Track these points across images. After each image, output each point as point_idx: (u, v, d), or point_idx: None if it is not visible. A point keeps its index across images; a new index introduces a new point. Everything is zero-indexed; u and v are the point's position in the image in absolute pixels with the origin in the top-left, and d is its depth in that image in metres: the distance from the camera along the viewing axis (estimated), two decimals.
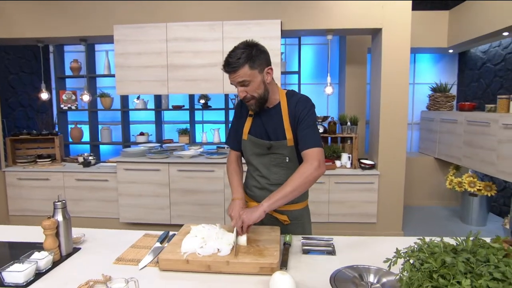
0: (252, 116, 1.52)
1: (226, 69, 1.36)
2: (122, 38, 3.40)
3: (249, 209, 1.33)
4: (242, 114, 1.56)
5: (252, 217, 1.27)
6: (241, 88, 1.38)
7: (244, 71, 1.34)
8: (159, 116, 4.70)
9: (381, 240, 1.46)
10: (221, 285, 1.09)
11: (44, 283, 1.11)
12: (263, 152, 1.50)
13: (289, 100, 1.47)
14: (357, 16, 3.34)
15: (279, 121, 1.45)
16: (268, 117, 1.48)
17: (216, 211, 3.54)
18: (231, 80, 1.39)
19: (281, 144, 1.45)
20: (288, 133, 1.44)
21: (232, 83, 1.40)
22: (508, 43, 3.83)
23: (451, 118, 4.00)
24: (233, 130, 1.62)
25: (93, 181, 3.65)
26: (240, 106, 1.58)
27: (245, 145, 1.54)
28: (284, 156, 1.47)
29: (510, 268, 0.64)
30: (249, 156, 1.54)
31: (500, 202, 4.04)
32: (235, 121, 1.61)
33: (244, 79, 1.35)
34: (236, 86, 1.39)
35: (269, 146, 1.47)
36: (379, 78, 3.45)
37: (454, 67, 4.87)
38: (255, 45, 1.38)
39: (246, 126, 1.53)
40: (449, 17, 4.21)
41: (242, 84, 1.37)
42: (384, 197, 3.51)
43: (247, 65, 1.33)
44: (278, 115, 1.46)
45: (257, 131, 1.50)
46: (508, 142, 3.00)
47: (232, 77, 1.37)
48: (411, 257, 0.78)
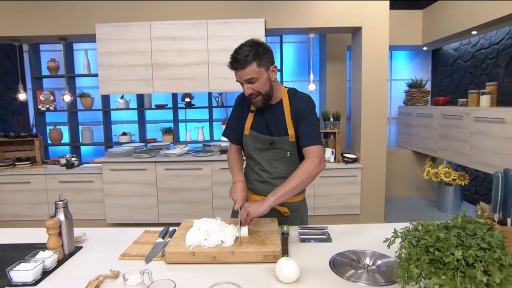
0: (253, 112, 1.57)
1: (234, 65, 1.38)
2: (105, 37, 3.36)
3: (256, 202, 1.37)
4: (243, 109, 1.61)
5: (259, 211, 1.33)
6: (248, 85, 1.41)
7: (252, 69, 1.37)
8: (142, 115, 4.66)
9: (372, 227, 1.55)
10: (227, 274, 1.14)
11: (53, 281, 1.12)
12: (265, 147, 1.55)
13: (291, 97, 1.53)
14: (338, 15, 3.45)
15: (281, 117, 1.51)
16: (271, 113, 1.53)
17: (204, 208, 3.57)
18: (238, 77, 1.41)
19: (283, 139, 1.52)
20: (290, 129, 1.50)
21: (238, 80, 1.42)
22: (476, 41, 4.07)
23: (426, 112, 4.21)
24: (233, 124, 1.65)
25: (77, 182, 3.59)
26: (241, 102, 1.62)
27: (246, 140, 1.59)
28: (285, 151, 1.54)
29: (493, 238, 0.74)
30: (251, 151, 1.59)
31: (472, 190, 4.30)
32: (235, 116, 1.64)
33: (252, 76, 1.38)
34: (242, 83, 1.42)
35: (271, 142, 1.53)
36: (360, 75, 3.58)
37: (428, 63, 5.11)
38: (261, 44, 1.42)
39: (247, 122, 1.57)
40: (423, 16, 4.42)
41: (249, 81, 1.40)
42: (366, 189, 3.66)
43: (255, 62, 1.36)
44: (280, 112, 1.52)
45: (259, 126, 1.55)
46: (479, 134, 3.21)
47: (239, 74, 1.39)
48: (407, 236, 0.86)
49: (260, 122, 1.55)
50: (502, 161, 2.92)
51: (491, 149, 3.04)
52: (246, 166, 1.70)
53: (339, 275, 1.12)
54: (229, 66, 1.41)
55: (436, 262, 0.76)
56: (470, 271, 0.71)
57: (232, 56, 1.39)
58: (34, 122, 4.58)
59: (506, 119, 2.86)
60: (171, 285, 0.88)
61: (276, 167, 1.57)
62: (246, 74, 1.37)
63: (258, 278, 1.11)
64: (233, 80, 3.68)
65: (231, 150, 1.69)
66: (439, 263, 0.75)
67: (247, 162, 1.67)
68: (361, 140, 3.64)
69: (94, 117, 4.86)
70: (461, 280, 0.71)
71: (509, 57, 3.56)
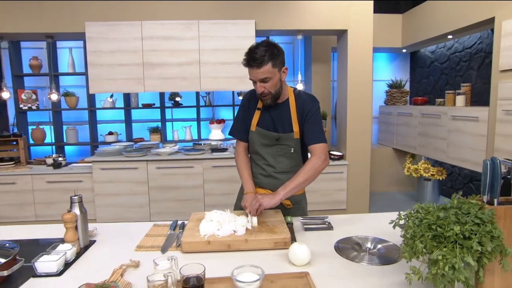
0: (260, 109, 1.65)
1: (251, 63, 1.43)
2: (95, 36, 3.34)
3: (268, 195, 1.47)
4: (250, 107, 1.69)
5: (271, 203, 1.43)
6: (261, 84, 1.48)
7: (267, 68, 1.44)
8: (129, 114, 4.63)
9: (366, 216, 1.69)
10: (241, 261, 1.22)
11: (76, 271, 1.17)
12: (270, 143, 1.65)
13: (297, 97, 1.63)
14: (326, 18, 3.60)
15: (287, 115, 1.61)
16: (278, 111, 1.62)
17: (196, 206, 3.62)
18: (252, 75, 1.47)
19: (288, 136, 1.62)
20: (295, 126, 1.60)
21: (251, 78, 1.49)
22: (451, 44, 4.34)
23: (406, 111, 4.44)
24: (240, 122, 1.73)
25: (65, 182, 3.54)
26: (248, 100, 1.70)
27: (252, 136, 1.67)
28: (289, 147, 1.64)
29: (484, 215, 0.87)
30: (257, 147, 1.68)
31: (448, 185, 4.57)
32: (242, 114, 1.72)
33: (266, 76, 1.45)
34: (255, 82, 1.49)
35: (277, 138, 1.62)
36: (346, 75, 3.75)
37: (407, 65, 5.37)
38: (276, 45, 1.49)
39: (254, 119, 1.66)
40: (402, 20, 4.65)
41: (262, 80, 1.47)
42: (352, 185, 3.83)
43: (270, 63, 1.44)
44: (287, 110, 1.61)
45: (265, 123, 1.64)
46: (456, 132, 3.45)
47: (254, 72, 1.45)
48: (410, 217, 0.98)
49: (266, 119, 1.64)
50: (477, 156, 3.15)
51: (466, 146, 3.28)
52: (250, 161, 1.79)
53: (344, 257, 1.23)
54: (245, 63, 1.47)
55: (437, 238, 0.88)
56: (467, 243, 0.83)
57: (249, 54, 1.44)
58: (15, 122, 4.46)
59: (480, 117, 3.09)
60: (201, 268, 0.95)
61: (281, 162, 1.66)
62: (261, 73, 1.45)
63: (272, 262, 1.20)
64: (224, 79, 3.76)
65: (239, 150, 1.75)
66: (440, 238, 0.87)
67: (252, 157, 1.76)
68: (347, 138, 3.80)
69: (78, 117, 4.79)
70: (459, 250, 0.83)
71: (481, 60, 3.84)
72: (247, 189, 1.63)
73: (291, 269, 1.15)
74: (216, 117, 4.76)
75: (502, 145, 2.79)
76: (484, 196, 0.96)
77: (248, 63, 1.46)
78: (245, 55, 1.46)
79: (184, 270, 0.95)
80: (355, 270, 1.14)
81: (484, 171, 0.95)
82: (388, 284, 1.05)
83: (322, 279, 1.07)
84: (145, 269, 1.17)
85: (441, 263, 0.83)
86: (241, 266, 1.03)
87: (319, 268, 1.16)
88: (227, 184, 3.60)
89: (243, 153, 1.76)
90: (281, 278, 1.06)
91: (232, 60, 3.52)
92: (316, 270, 1.14)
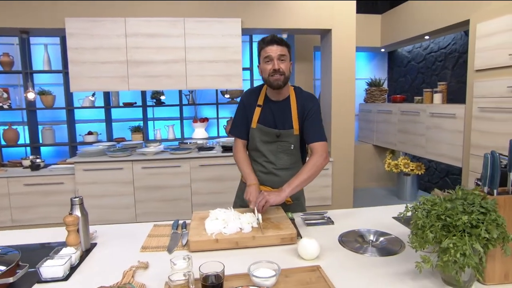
0: (260, 106, 1.67)
1: (274, 40, 1.54)
2: (76, 32, 3.22)
3: (274, 192, 1.50)
4: (250, 105, 1.70)
5: (277, 200, 1.47)
6: (278, 61, 1.55)
7: (285, 49, 1.56)
8: (109, 114, 4.50)
9: (362, 210, 1.75)
10: (250, 257, 1.23)
11: (83, 275, 1.14)
12: (271, 139, 1.67)
13: (298, 95, 1.67)
14: (311, 18, 3.66)
15: (288, 112, 1.65)
16: (279, 108, 1.65)
17: (183, 205, 3.58)
18: (273, 51, 1.54)
19: (289, 133, 1.65)
20: (295, 123, 1.64)
21: (270, 54, 1.54)
22: (427, 45, 4.54)
23: (386, 109, 4.60)
24: (240, 120, 1.74)
25: (45, 185, 3.40)
26: (248, 98, 1.72)
27: (253, 133, 1.69)
28: (289, 143, 1.67)
29: (488, 204, 0.93)
30: (257, 143, 1.69)
31: (425, 179, 4.79)
32: (241, 112, 1.73)
33: (284, 53, 1.55)
34: (273, 59, 1.54)
35: (278, 134, 1.65)
36: (330, 74, 3.83)
37: (385, 64, 5.56)
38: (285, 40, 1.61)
39: (255, 116, 1.68)
40: (381, 20, 4.81)
41: (280, 58, 1.55)
42: (337, 181, 3.93)
43: (287, 47, 1.57)
44: (288, 107, 1.65)
45: (266, 120, 1.66)
46: (434, 128, 3.62)
47: (274, 49, 1.54)
48: (417, 209, 1.04)
49: (267, 116, 1.67)
50: (454, 151, 3.33)
51: (444, 141, 3.45)
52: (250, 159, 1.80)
53: (349, 249, 1.28)
54: (268, 40, 1.55)
55: (446, 227, 0.94)
56: (475, 231, 0.89)
57: (271, 35, 1.57)
58: None
59: (457, 114, 3.26)
60: (220, 266, 0.96)
61: (281, 159, 1.69)
62: (281, 50, 1.54)
63: (281, 257, 1.22)
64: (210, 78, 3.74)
65: (238, 147, 1.77)
66: (449, 227, 0.93)
67: (252, 155, 1.77)
68: (332, 135, 3.89)
69: (55, 116, 4.59)
70: (468, 238, 0.89)
71: (455, 60, 4.04)
72: (250, 181, 1.64)
73: (301, 263, 1.18)
74: (199, 115, 4.72)
75: (478, 141, 2.96)
76: (485, 187, 1.03)
77: (271, 40, 1.54)
78: (264, 39, 1.57)
79: (203, 268, 0.95)
80: (361, 262, 1.19)
81: (484, 164, 1.01)
82: (394, 273, 1.10)
83: (332, 271, 1.11)
84: (155, 270, 1.16)
85: (452, 251, 0.88)
86: (257, 262, 1.05)
87: (327, 261, 1.19)
88: (215, 183, 3.59)
89: (242, 150, 1.77)
90: (294, 272, 1.09)
91: (218, 58, 3.50)
92: (325, 263, 1.17)
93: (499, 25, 2.73)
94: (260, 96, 1.69)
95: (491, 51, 2.81)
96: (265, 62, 1.56)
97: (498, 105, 2.73)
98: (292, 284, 1.02)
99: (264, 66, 1.57)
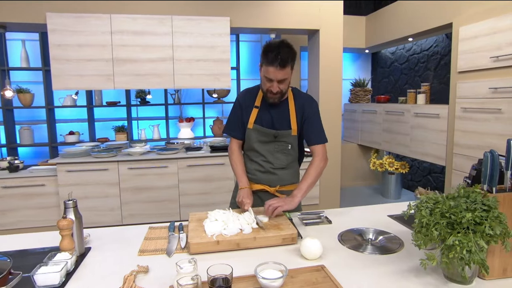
0: (258, 107, 1.66)
1: (276, 64, 1.42)
2: (59, 28, 3.09)
3: (285, 199, 1.51)
4: (247, 105, 1.69)
5: (292, 206, 1.49)
6: (277, 84, 1.49)
7: (288, 70, 1.48)
8: (91, 113, 4.37)
9: (356, 209, 1.77)
10: (252, 258, 1.22)
11: (79, 281, 1.09)
12: (268, 140, 1.66)
13: (296, 96, 1.67)
14: (299, 18, 3.68)
15: (286, 113, 1.64)
16: (277, 109, 1.65)
17: (170, 206, 3.52)
18: (272, 74, 1.45)
19: (287, 133, 1.65)
20: (293, 124, 1.64)
21: (269, 76, 1.47)
22: (410, 46, 4.66)
23: (371, 109, 4.69)
24: (236, 120, 1.72)
25: (25, 187, 3.25)
26: (244, 99, 1.70)
27: (250, 133, 1.67)
28: (287, 143, 1.67)
29: (489, 201, 0.96)
30: (254, 143, 1.68)
31: (408, 178, 4.92)
32: (237, 112, 1.71)
33: (286, 77, 1.49)
34: (272, 81, 1.49)
35: (276, 135, 1.64)
36: (318, 74, 3.86)
37: (369, 65, 5.67)
38: (293, 47, 1.50)
39: (251, 117, 1.66)
40: (366, 22, 4.90)
41: (280, 81, 1.48)
42: (324, 180, 3.96)
43: (290, 65, 1.47)
44: (286, 108, 1.65)
45: (263, 121, 1.65)
46: (418, 128, 3.72)
47: (276, 72, 1.45)
48: (420, 207, 1.05)
49: (265, 117, 1.66)
50: (438, 150, 3.43)
51: (428, 141, 3.55)
52: (245, 158, 1.79)
53: (350, 248, 1.28)
54: (268, 62, 1.44)
55: (450, 225, 0.96)
56: (479, 228, 0.91)
57: (274, 54, 1.42)
58: None
59: (440, 114, 3.37)
60: (228, 269, 0.94)
61: (278, 159, 1.69)
62: (282, 74, 1.47)
63: (284, 258, 1.22)
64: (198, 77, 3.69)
65: (234, 147, 1.75)
66: (453, 225, 0.95)
67: (248, 154, 1.76)
68: None
69: (33, 115, 4.41)
70: (472, 235, 0.91)
71: (437, 62, 4.17)
72: (242, 185, 1.66)
73: (304, 263, 1.18)
74: (184, 115, 4.66)
75: (461, 140, 3.07)
76: (484, 185, 1.06)
77: (272, 62, 1.44)
78: (268, 53, 1.44)
79: (210, 271, 0.93)
80: (363, 260, 1.20)
81: (484, 163, 1.04)
82: (397, 271, 1.11)
83: (336, 270, 1.11)
84: (156, 274, 1.13)
85: (458, 248, 0.90)
86: (263, 263, 1.04)
87: (330, 260, 1.19)
88: (203, 183, 3.54)
89: (237, 151, 1.76)
90: (299, 273, 1.08)
91: (207, 57, 3.46)
92: (328, 262, 1.18)
93: (481, 28, 2.83)
94: (257, 97, 1.68)
95: (473, 54, 2.91)
96: (265, 77, 1.52)
97: (480, 106, 2.83)
98: (298, 284, 1.01)
99: (264, 80, 1.54)
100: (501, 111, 2.64)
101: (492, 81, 2.72)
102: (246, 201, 1.54)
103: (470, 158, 2.95)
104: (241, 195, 1.59)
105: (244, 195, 1.58)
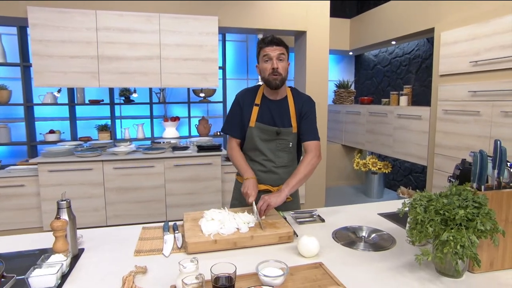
0: (258, 105, 1.67)
1: (273, 41, 1.57)
2: (41, 23, 2.99)
3: (273, 194, 1.51)
4: (246, 104, 1.70)
5: (278, 201, 1.49)
6: (277, 61, 1.57)
7: (283, 50, 1.59)
8: (73, 111, 4.24)
9: (348, 208, 1.81)
10: (250, 257, 1.23)
11: (75, 283, 1.06)
12: (270, 138, 1.68)
13: (295, 95, 1.71)
14: (287, 19, 3.72)
15: (286, 111, 1.67)
16: (277, 107, 1.67)
17: (157, 207, 3.47)
18: (271, 51, 1.56)
19: (288, 131, 1.67)
20: (293, 122, 1.67)
21: (269, 53, 1.56)
22: (392, 49, 4.80)
23: (355, 110, 4.80)
24: (235, 119, 1.73)
25: (3, 187, 3.12)
26: (243, 98, 1.71)
27: (251, 131, 1.68)
28: (288, 141, 1.69)
29: (479, 199, 1.01)
30: (256, 142, 1.69)
31: (390, 177, 5.06)
32: (236, 112, 1.72)
33: (283, 53, 1.57)
34: (272, 59, 1.56)
35: (278, 132, 1.66)
36: (304, 75, 3.91)
37: (352, 67, 5.79)
38: None
39: (253, 115, 1.67)
40: (350, 25, 5.00)
41: (279, 58, 1.57)
42: (310, 180, 4.02)
43: (285, 48, 1.60)
44: (286, 106, 1.68)
45: (264, 119, 1.67)
46: (400, 129, 3.83)
47: (273, 49, 1.56)
48: (414, 205, 1.10)
49: (266, 115, 1.68)
50: (420, 150, 3.55)
51: (411, 141, 3.67)
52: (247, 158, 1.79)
53: (345, 245, 1.32)
54: (267, 41, 1.57)
55: (444, 221, 1.00)
56: (471, 224, 0.96)
57: (272, 37, 1.59)
58: None
59: (423, 116, 3.49)
60: (232, 268, 0.94)
61: (279, 157, 1.71)
62: (279, 49, 1.57)
63: (281, 256, 1.23)
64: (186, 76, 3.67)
65: (233, 145, 1.76)
66: (447, 221, 1.00)
67: (248, 154, 1.76)
68: None
69: (10, 113, 4.23)
70: (465, 231, 0.96)
71: (418, 65, 4.31)
72: (247, 175, 1.65)
73: (302, 261, 1.20)
74: (169, 114, 4.60)
75: (442, 141, 3.19)
76: (473, 183, 1.12)
77: (270, 41, 1.57)
78: (265, 39, 1.59)
79: (213, 269, 0.94)
80: (358, 257, 1.23)
81: (474, 162, 1.10)
82: (392, 267, 1.15)
83: (333, 267, 1.14)
84: (154, 274, 1.12)
85: (452, 243, 0.94)
86: (264, 261, 1.05)
87: (327, 258, 1.22)
88: (190, 183, 3.52)
89: (237, 148, 1.77)
90: (299, 270, 1.10)
91: (194, 56, 3.43)
92: (325, 259, 1.20)
93: (461, 34, 2.95)
94: (257, 96, 1.70)
95: (454, 58, 3.04)
96: (264, 61, 1.58)
97: (461, 108, 2.95)
98: (299, 282, 1.03)
99: (263, 65, 1.59)
100: (480, 113, 2.77)
101: (472, 85, 2.85)
102: (251, 193, 1.53)
103: (451, 158, 3.07)
104: (246, 186, 1.58)
105: (250, 186, 1.57)
